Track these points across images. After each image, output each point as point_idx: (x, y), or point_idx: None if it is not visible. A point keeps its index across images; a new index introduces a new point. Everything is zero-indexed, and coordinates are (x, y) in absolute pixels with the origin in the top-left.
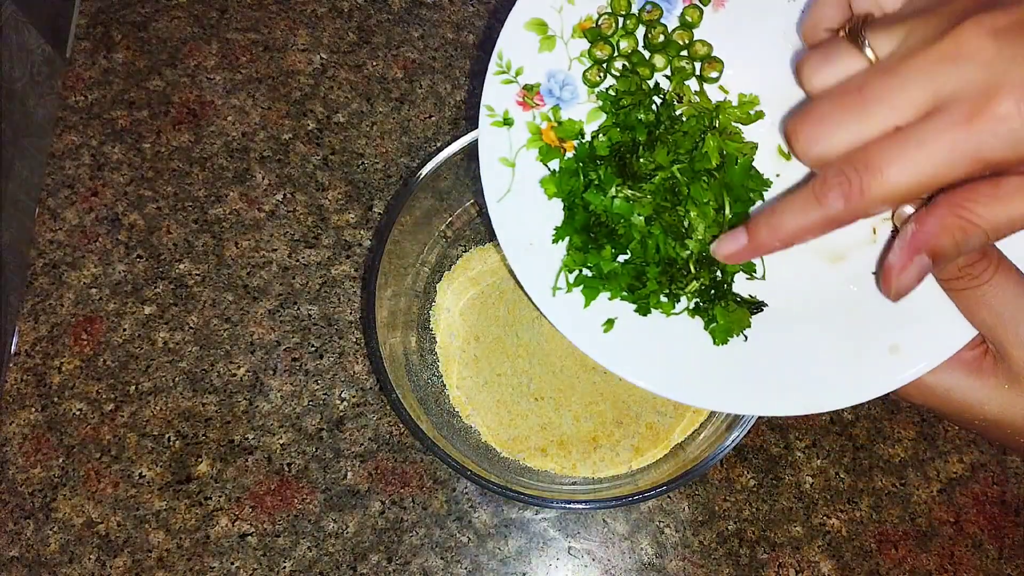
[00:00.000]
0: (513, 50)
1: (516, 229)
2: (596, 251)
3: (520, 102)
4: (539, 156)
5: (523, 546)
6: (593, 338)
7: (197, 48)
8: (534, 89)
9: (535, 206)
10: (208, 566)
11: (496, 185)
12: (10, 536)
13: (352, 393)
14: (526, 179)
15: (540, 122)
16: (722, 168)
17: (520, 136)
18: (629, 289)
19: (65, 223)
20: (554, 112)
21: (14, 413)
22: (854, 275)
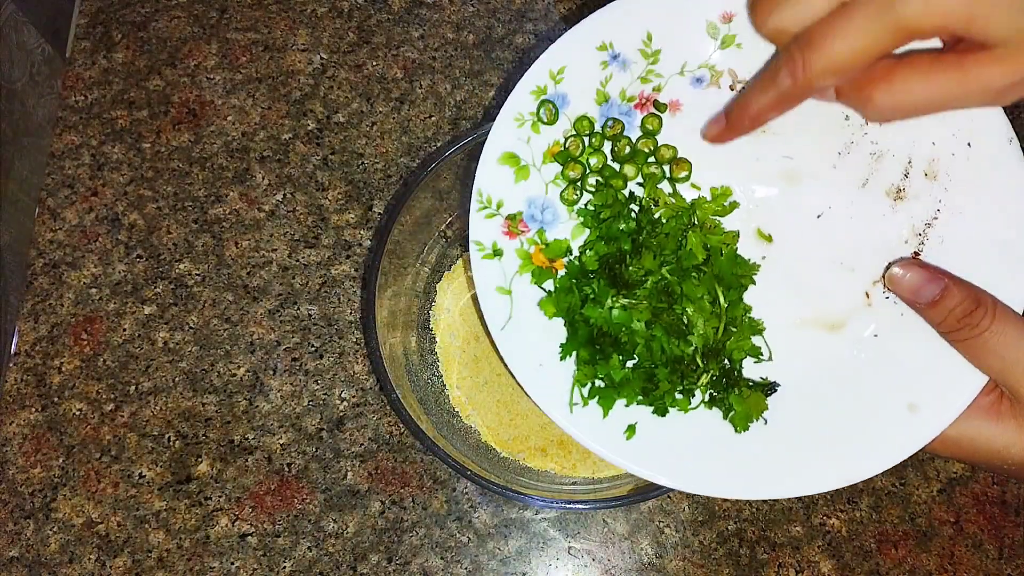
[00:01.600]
0: (491, 185)
1: (523, 353)
2: (604, 362)
3: (506, 232)
4: (533, 279)
5: (523, 546)
6: (618, 447)
7: (197, 48)
8: (517, 218)
9: (537, 328)
10: (208, 566)
11: (497, 315)
12: (10, 536)
13: (352, 393)
14: (524, 303)
15: (528, 247)
16: (709, 261)
17: (512, 264)
18: (643, 393)
19: (65, 223)
20: (540, 235)
21: (14, 413)
22: (856, 341)
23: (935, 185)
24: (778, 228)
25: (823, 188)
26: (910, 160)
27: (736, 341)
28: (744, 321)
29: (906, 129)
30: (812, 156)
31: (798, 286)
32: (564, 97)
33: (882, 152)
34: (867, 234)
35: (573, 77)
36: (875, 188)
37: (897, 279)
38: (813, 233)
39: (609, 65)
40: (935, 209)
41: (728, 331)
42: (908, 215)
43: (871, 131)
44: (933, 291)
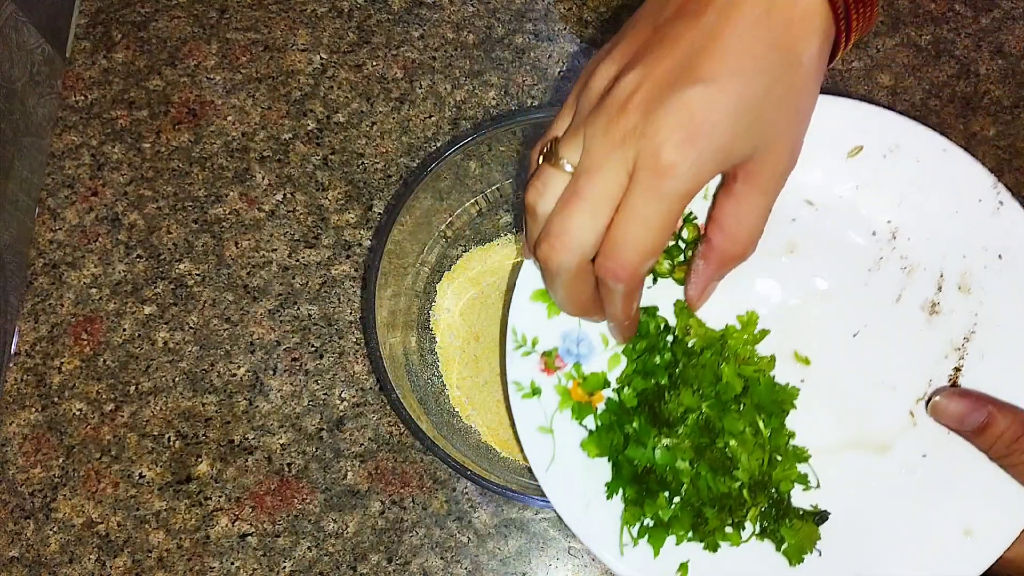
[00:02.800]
0: (525, 323)
1: (569, 493)
2: (651, 500)
3: (543, 369)
4: (573, 415)
5: (523, 546)
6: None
7: (197, 48)
8: (553, 353)
9: (582, 467)
10: (208, 566)
11: (540, 455)
12: (10, 536)
13: (352, 393)
14: (567, 442)
15: (566, 382)
16: (747, 391)
17: (551, 401)
18: (693, 529)
19: (65, 223)
20: (576, 369)
21: (14, 413)
22: (905, 462)
23: (970, 298)
24: (815, 349)
25: (857, 306)
26: (942, 274)
27: (782, 471)
28: (789, 449)
29: (935, 243)
30: (843, 274)
31: (840, 408)
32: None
33: (913, 266)
34: (906, 351)
35: None
36: (909, 303)
37: (940, 409)
38: (851, 352)
39: None
40: (972, 323)
41: (773, 461)
42: (945, 330)
43: (899, 245)
44: (978, 419)
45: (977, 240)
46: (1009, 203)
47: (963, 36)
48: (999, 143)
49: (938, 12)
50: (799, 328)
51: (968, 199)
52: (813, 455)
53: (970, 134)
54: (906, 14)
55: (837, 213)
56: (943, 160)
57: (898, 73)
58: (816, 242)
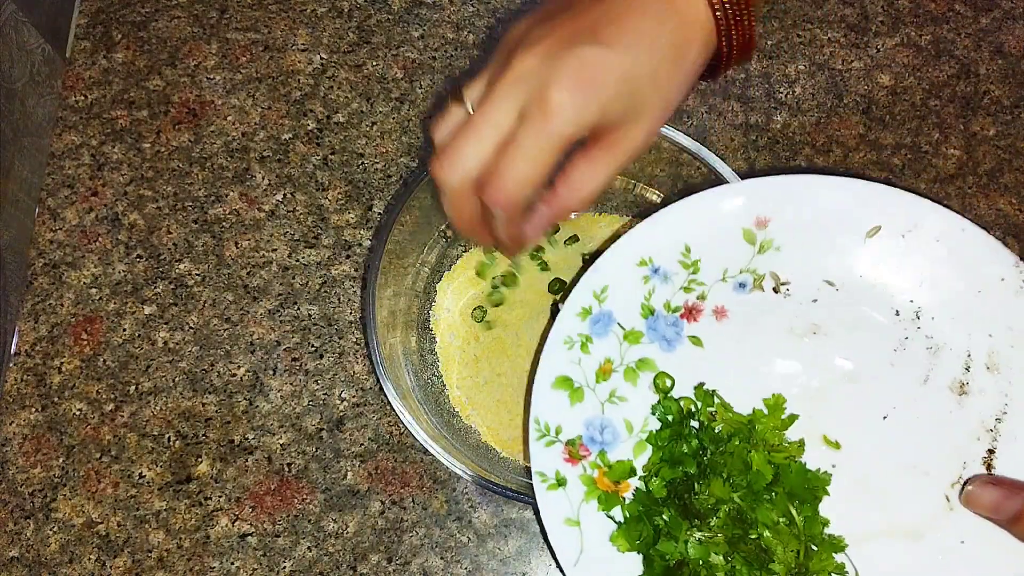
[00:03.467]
0: (547, 412)
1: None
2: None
3: (567, 458)
4: (600, 507)
5: (523, 546)
6: None
7: (197, 48)
8: (577, 442)
9: (612, 560)
10: (208, 566)
11: (568, 549)
12: (10, 536)
13: (352, 393)
14: (594, 535)
15: (591, 471)
16: (778, 479)
17: (577, 492)
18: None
19: (65, 223)
20: (602, 458)
21: (14, 413)
22: (943, 548)
23: (999, 378)
24: (844, 433)
25: (884, 387)
26: (969, 353)
27: (819, 561)
28: (824, 538)
29: (959, 322)
30: (867, 355)
31: (873, 494)
32: (610, 315)
33: (939, 346)
34: (937, 433)
35: (617, 294)
36: (938, 384)
37: (974, 498)
38: (881, 436)
39: (651, 279)
40: (1003, 403)
41: (810, 552)
42: (976, 410)
43: (924, 325)
44: (1014, 508)
45: (1002, 319)
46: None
47: (963, 36)
48: (999, 143)
49: (938, 12)
50: (826, 411)
51: (991, 278)
52: (850, 545)
53: (970, 134)
54: (906, 14)
55: (859, 293)
56: (963, 240)
57: (898, 73)
58: (839, 323)
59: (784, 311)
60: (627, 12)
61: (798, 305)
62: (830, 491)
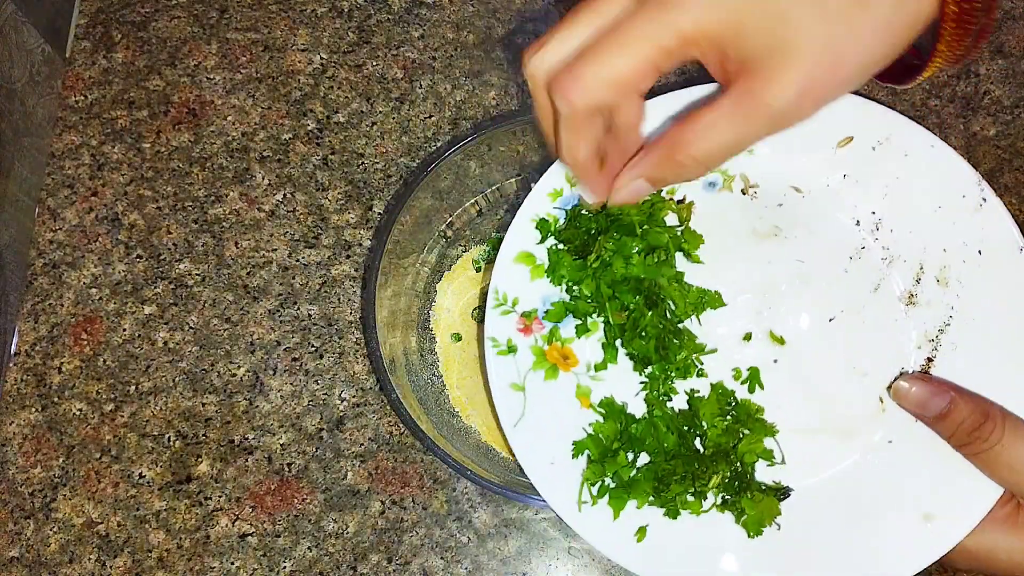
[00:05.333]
0: (507, 283)
1: (535, 450)
2: (613, 460)
3: (521, 328)
4: (546, 376)
5: (523, 546)
6: (628, 549)
7: (197, 48)
8: (532, 315)
9: (549, 425)
10: (208, 566)
11: (510, 412)
12: (10, 536)
13: (352, 393)
14: (537, 400)
15: (542, 344)
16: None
17: (526, 360)
18: (655, 493)
19: (65, 223)
20: (554, 333)
21: (14, 413)
22: (870, 447)
23: (947, 292)
24: (790, 330)
25: (835, 292)
26: (921, 266)
27: (748, 443)
28: (756, 422)
29: (917, 235)
30: (823, 259)
31: (811, 391)
32: (568, 200)
33: (893, 257)
34: (880, 339)
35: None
36: (887, 293)
37: (903, 393)
38: (825, 336)
39: None
40: (947, 315)
41: (740, 432)
42: (920, 321)
43: (882, 236)
44: (939, 405)
45: (958, 235)
46: (992, 200)
47: None
48: (999, 143)
49: None
50: (775, 308)
51: (952, 195)
52: (781, 433)
53: (970, 134)
54: None
55: (823, 201)
56: (930, 155)
57: None
58: (801, 227)
59: (749, 212)
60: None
61: (763, 208)
62: (769, 384)
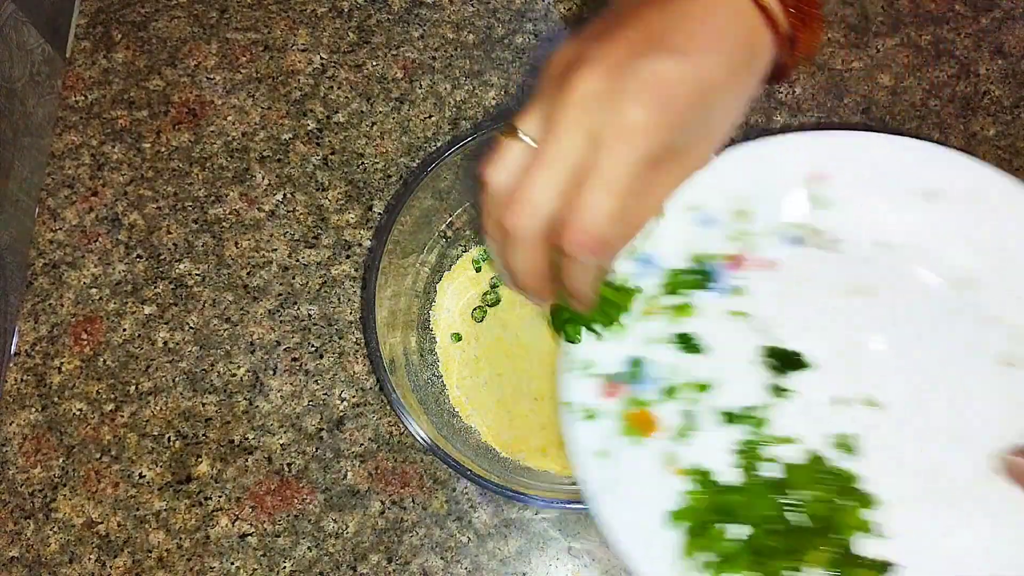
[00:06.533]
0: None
1: (624, 519)
2: (709, 534)
3: (600, 392)
4: (631, 442)
5: (523, 546)
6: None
7: (197, 48)
8: (610, 377)
9: (639, 492)
10: (208, 566)
11: (596, 479)
12: (10, 536)
13: (352, 393)
14: (623, 467)
15: (624, 407)
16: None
17: (609, 425)
18: (754, 566)
19: (65, 223)
20: (634, 397)
21: (14, 413)
22: (976, 519)
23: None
24: (883, 394)
25: (929, 353)
26: (1018, 325)
27: (846, 515)
28: (853, 491)
29: (1014, 295)
30: (916, 320)
31: (910, 458)
32: (653, 258)
33: (990, 317)
34: (981, 402)
35: (662, 238)
36: (985, 354)
37: (1012, 467)
38: (921, 401)
39: (699, 226)
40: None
41: (835, 503)
42: (1022, 383)
43: (976, 294)
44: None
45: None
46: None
47: (963, 36)
48: (999, 143)
49: (938, 12)
50: (867, 372)
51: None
52: (883, 505)
53: (970, 134)
54: (906, 14)
55: (912, 257)
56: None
57: (898, 73)
58: (889, 285)
59: (834, 269)
60: (693, 16)
61: (849, 264)
62: (865, 450)
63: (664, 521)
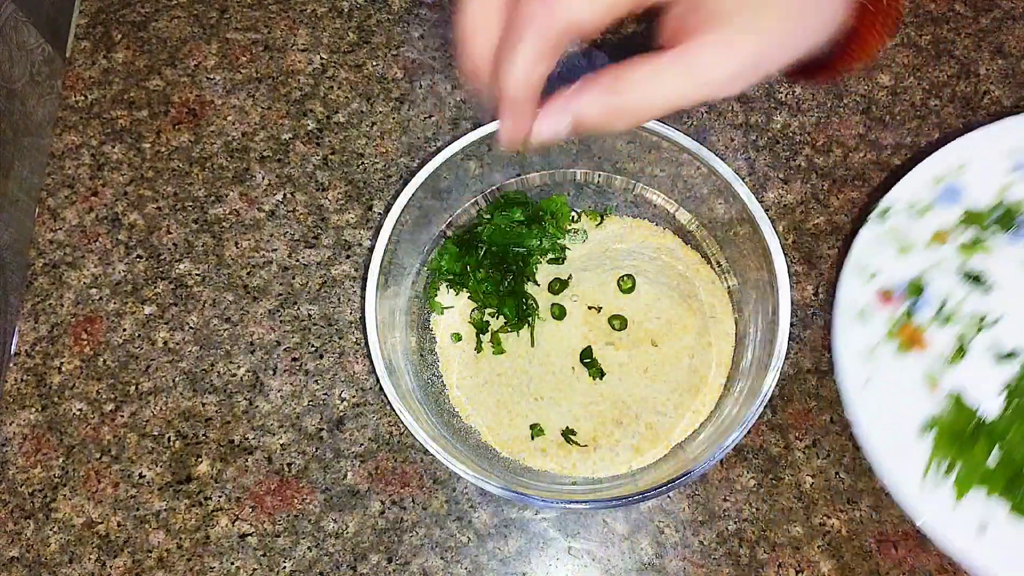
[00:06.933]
0: (870, 254)
1: (878, 419)
2: (967, 446)
3: (878, 299)
4: (898, 349)
5: (523, 546)
6: (965, 539)
7: (197, 48)
8: (891, 291)
9: (895, 399)
10: (208, 566)
11: (856, 375)
12: (10, 536)
13: (352, 393)
14: (884, 372)
15: (897, 319)
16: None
17: (878, 330)
18: (1007, 488)
19: (65, 223)
20: (907, 312)
21: (14, 413)
22: None
23: None
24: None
25: None
26: None
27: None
28: None
29: None
30: None
31: None
32: (960, 190)
33: None
34: None
35: (973, 174)
36: None
37: None
38: None
39: (1015, 171)
40: None
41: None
42: None
43: None
44: None
45: None
46: None
47: (963, 36)
48: None
49: (938, 12)
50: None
51: None
52: None
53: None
54: (906, 14)
55: None
56: None
57: (898, 73)
58: None
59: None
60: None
61: None
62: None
63: (918, 432)
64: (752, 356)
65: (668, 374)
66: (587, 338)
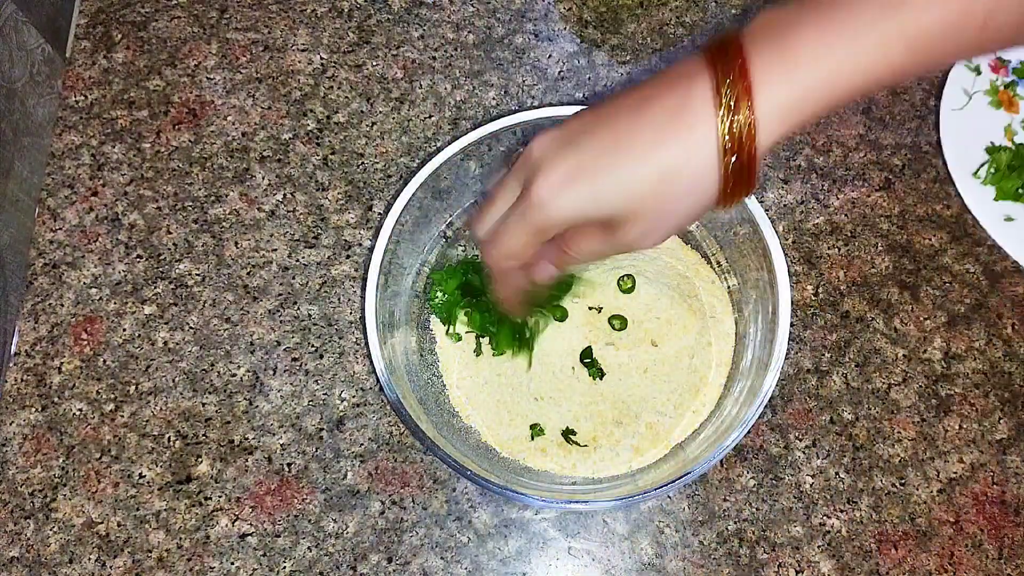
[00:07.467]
0: None
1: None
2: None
3: (991, 65)
4: (990, 104)
5: (523, 546)
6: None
7: (197, 48)
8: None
9: (978, 129)
10: (208, 566)
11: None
12: (10, 536)
13: (352, 393)
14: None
15: (998, 84)
16: None
17: (981, 98)
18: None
19: (65, 223)
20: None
21: (14, 413)
22: None
23: None
24: None
25: None
26: None
27: None
28: None
29: None
30: None
31: None
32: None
33: None
34: None
35: None
36: None
37: None
38: None
39: None
40: None
41: None
42: None
43: None
44: None
45: None
46: None
47: None
48: None
49: None
50: None
51: None
52: None
53: None
54: None
55: None
56: None
57: None
58: None
59: None
60: (641, 132)
61: None
62: None
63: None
64: (752, 356)
65: (668, 374)
66: (587, 338)
